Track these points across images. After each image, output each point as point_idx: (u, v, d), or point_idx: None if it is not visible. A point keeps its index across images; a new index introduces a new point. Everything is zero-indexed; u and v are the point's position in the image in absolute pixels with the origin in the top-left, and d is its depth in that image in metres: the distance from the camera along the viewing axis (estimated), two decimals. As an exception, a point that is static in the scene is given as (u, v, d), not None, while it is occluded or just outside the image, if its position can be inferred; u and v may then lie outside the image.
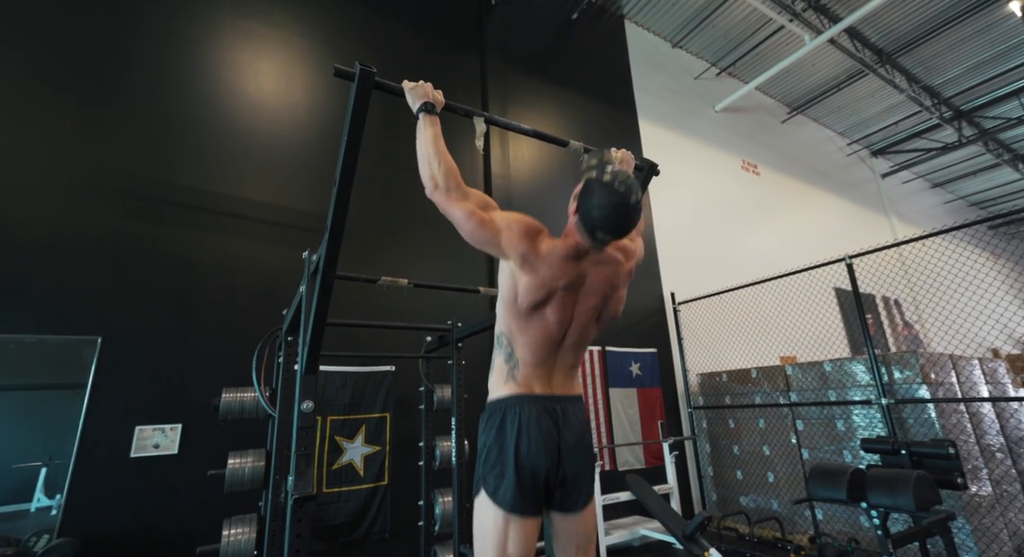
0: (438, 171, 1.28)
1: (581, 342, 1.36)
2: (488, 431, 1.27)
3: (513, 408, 1.25)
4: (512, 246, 1.26)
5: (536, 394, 1.28)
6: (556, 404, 1.29)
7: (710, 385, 5.24)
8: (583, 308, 1.33)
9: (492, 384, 1.34)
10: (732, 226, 6.96)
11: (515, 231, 1.27)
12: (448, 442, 3.16)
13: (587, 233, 1.26)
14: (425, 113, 1.33)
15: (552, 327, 1.29)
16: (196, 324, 3.30)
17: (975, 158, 10.87)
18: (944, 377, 3.76)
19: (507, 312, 1.31)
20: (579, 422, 1.32)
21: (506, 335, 1.32)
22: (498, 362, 1.34)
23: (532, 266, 1.26)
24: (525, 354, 1.29)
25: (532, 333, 1.29)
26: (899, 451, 2.91)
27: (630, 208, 1.21)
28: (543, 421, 1.24)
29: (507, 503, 1.18)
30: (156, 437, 3.04)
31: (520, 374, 1.29)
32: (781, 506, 4.32)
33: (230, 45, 3.96)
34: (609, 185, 1.21)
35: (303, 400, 1.50)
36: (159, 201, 3.38)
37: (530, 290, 1.26)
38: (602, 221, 1.21)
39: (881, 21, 7.17)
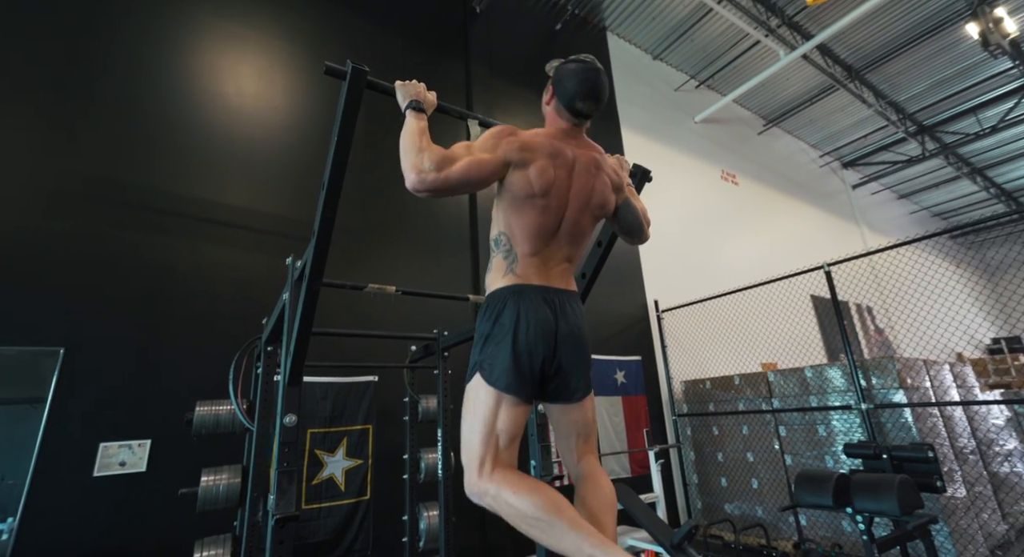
0: (419, 158, 1.22)
1: (576, 233, 1.36)
2: (487, 320, 1.26)
3: (512, 296, 1.25)
4: (511, 148, 1.28)
5: (534, 284, 1.28)
6: (554, 296, 1.29)
7: (694, 392, 5.28)
8: (576, 189, 1.34)
9: (490, 280, 1.34)
10: (713, 235, 7.08)
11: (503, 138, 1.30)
12: (433, 454, 3.08)
13: (567, 109, 1.34)
14: (412, 111, 1.31)
15: (550, 211, 1.30)
16: (168, 334, 3.15)
17: (937, 171, 11.36)
18: (919, 381, 3.86)
19: (513, 209, 1.31)
20: (576, 316, 1.32)
21: (504, 233, 1.32)
22: (496, 260, 1.34)
23: (532, 152, 1.29)
24: (523, 245, 1.30)
25: (529, 221, 1.29)
26: (880, 455, 2.95)
27: (599, 71, 1.33)
28: (541, 309, 1.24)
29: (502, 383, 1.18)
30: (122, 454, 2.88)
31: (519, 267, 1.29)
32: (765, 513, 4.35)
33: (209, 47, 3.85)
34: (575, 59, 1.35)
35: (286, 413, 1.42)
36: (130, 206, 3.24)
37: (540, 173, 1.27)
38: (577, 88, 1.31)
39: (850, 39, 7.46)
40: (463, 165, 1.23)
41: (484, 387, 1.20)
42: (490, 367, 1.20)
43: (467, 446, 1.19)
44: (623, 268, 5.67)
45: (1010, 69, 8.22)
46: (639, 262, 5.86)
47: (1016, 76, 8.40)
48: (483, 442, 1.16)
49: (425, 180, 1.19)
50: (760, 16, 6.64)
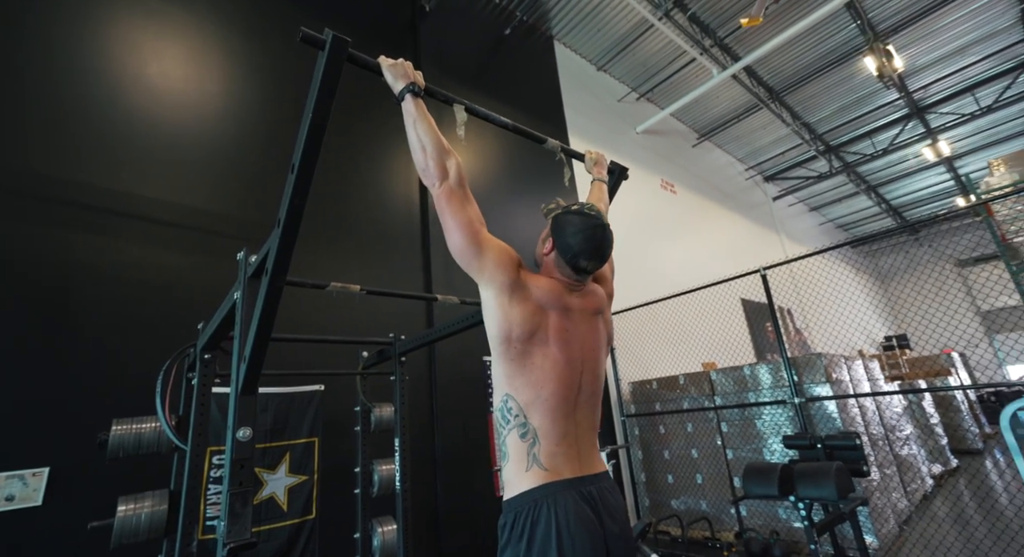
0: (450, 163, 1.18)
1: (597, 389, 1.21)
2: (516, 542, 1.00)
3: (545, 503, 1.01)
4: (501, 269, 1.15)
5: (568, 479, 1.05)
6: (591, 486, 1.07)
7: (641, 393, 5.44)
8: (589, 342, 1.21)
9: (509, 476, 1.08)
10: (655, 241, 7.40)
11: (505, 254, 1.18)
12: (388, 465, 2.91)
13: (569, 266, 1.22)
14: (412, 95, 1.20)
15: (564, 369, 1.12)
16: (71, 345, 2.72)
17: (841, 187, 12.71)
18: (840, 375, 4.23)
19: (507, 363, 1.12)
20: (618, 506, 1.12)
21: (513, 399, 1.10)
22: (511, 444, 1.08)
23: (521, 293, 1.14)
24: (543, 420, 1.07)
25: (545, 386, 1.09)
26: (815, 445, 3.18)
27: (606, 228, 1.23)
28: (583, 513, 1.01)
29: None
30: (11, 486, 2.44)
31: (543, 452, 1.05)
32: (709, 506, 4.55)
33: (126, 20, 3.44)
34: (579, 212, 1.24)
35: (239, 426, 1.25)
36: (24, 195, 2.79)
37: (525, 317, 1.12)
38: (582, 246, 1.19)
39: (772, 62, 8.16)
40: (468, 221, 1.16)
41: None
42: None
43: None
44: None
45: (896, 100, 9.39)
46: (587, 266, 5.97)
47: (901, 106, 9.60)
48: None
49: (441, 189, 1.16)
50: (695, 35, 7.07)
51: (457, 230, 1.15)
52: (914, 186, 13.10)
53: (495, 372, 1.15)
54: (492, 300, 1.14)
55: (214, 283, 3.15)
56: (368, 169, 4.36)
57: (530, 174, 5.67)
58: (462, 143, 1.10)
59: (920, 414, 6.15)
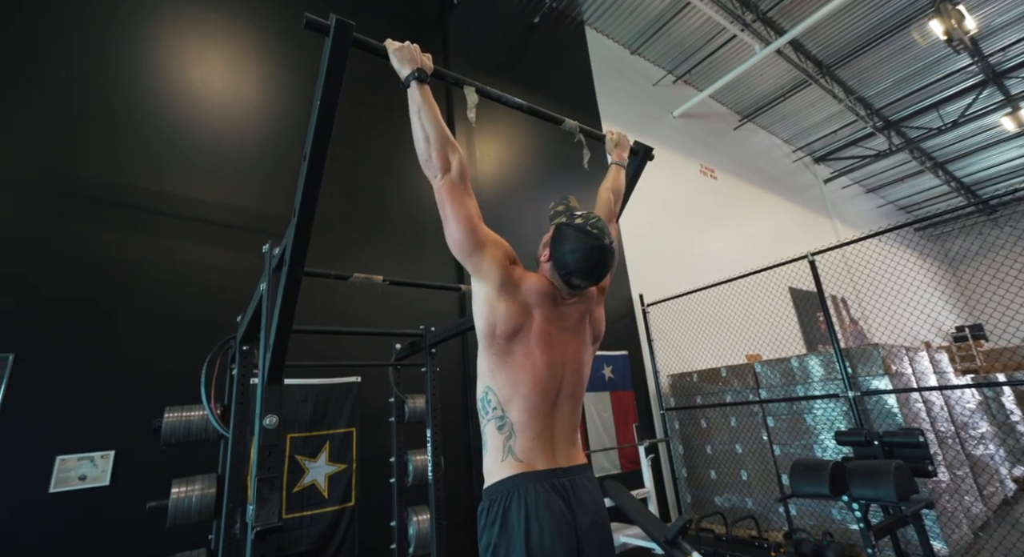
0: (452, 156, 1.16)
1: (578, 390, 1.23)
2: (490, 527, 1.07)
3: (517, 492, 1.07)
4: (496, 266, 1.17)
5: (539, 470, 1.10)
6: (564, 478, 1.11)
7: (681, 386, 5.27)
8: (573, 347, 1.23)
9: (488, 466, 1.15)
10: (695, 228, 7.12)
11: (501, 251, 1.20)
12: (422, 456, 2.95)
13: (562, 280, 1.20)
14: (417, 82, 1.18)
15: (542, 369, 1.15)
16: (133, 336, 2.93)
17: (902, 165, 11.77)
18: (901, 368, 3.92)
19: (490, 357, 1.15)
20: (593, 499, 1.14)
21: (493, 391, 1.14)
22: (490, 434, 1.15)
23: (511, 292, 1.17)
24: (520, 416, 1.12)
25: (523, 384, 1.13)
26: (872, 442, 2.96)
27: (605, 250, 1.17)
28: (553, 503, 1.06)
29: None
30: (82, 467, 2.65)
31: (518, 445, 1.11)
32: (755, 504, 4.35)
33: (171, 31, 3.62)
34: (581, 228, 1.18)
35: (266, 414, 1.28)
36: (86, 201, 3.00)
37: (510, 316, 1.14)
38: (577, 266, 1.16)
39: (820, 34, 7.62)
40: (468, 215, 1.15)
41: None
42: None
43: None
44: (608, 262, 5.62)
45: (969, 66, 8.54)
46: (623, 256, 5.83)
47: (975, 72, 8.73)
48: None
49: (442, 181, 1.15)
50: (735, 11, 6.70)
51: (457, 224, 1.15)
52: (990, 161, 11.95)
53: (479, 362, 1.19)
54: (482, 295, 1.17)
55: (256, 277, 3.28)
56: (402, 163, 4.41)
57: (556, 159, 5.57)
58: (472, 126, 1.06)
59: (998, 411, 5.63)
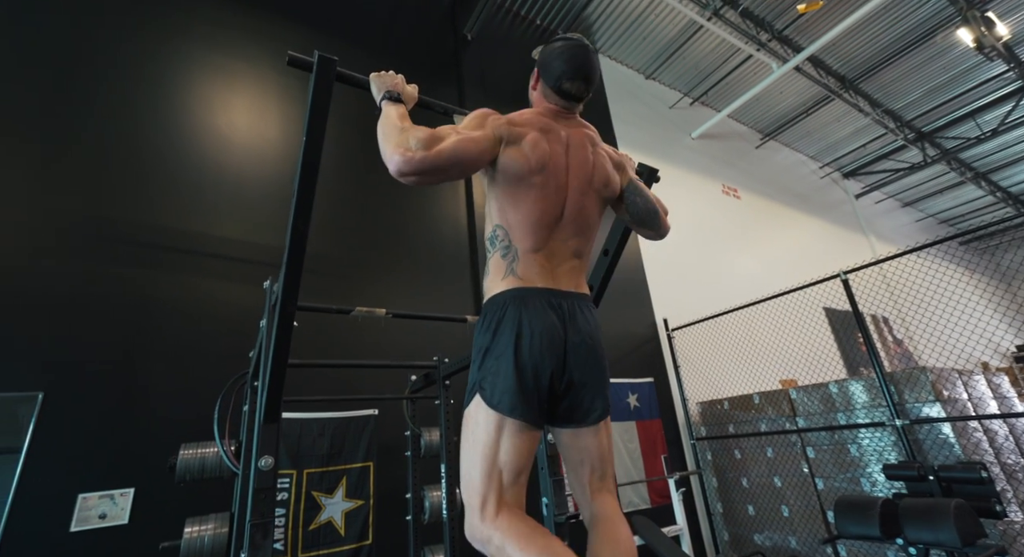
0: (403, 138, 1.06)
1: (582, 218, 1.22)
2: (485, 332, 1.11)
3: (513, 302, 1.10)
4: (500, 124, 1.20)
5: (539, 287, 1.13)
6: (562, 299, 1.14)
7: (711, 414, 5.01)
8: (575, 167, 1.22)
9: (488, 284, 1.18)
10: (719, 250, 6.93)
11: (489, 116, 1.23)
12: (438, 492, 2.85)
13: (554, 90, 1.25)
14: (388, 101, 1.18)
15: (549, 194, 1.17)
16: (154, 373, 2.98)
17: (940, 177, 11.27)
18: (955, 393, 3.61)
19: (501, 195, 1.18)
20: (588, 323, 1.16)
21: (500, 226, 1.18)
22: (493, 260, 1.18)
23: (522, 127, 1.20)
24: (523, 238, 1.15)
25: (527, 207, 1.15)
26: (926, 477, 2.70)
27: (586, 48, 1.24)
28: (546, 316, 1.09)
29: (505, 405, 1.02)
30: (103, 506, 2.66)
31: (520, 266, 1.14)
32: (800, 543, 4.02)
33: (200, 79, 3.83)
34: (561, 38, 1.26)
35: (261, 455, 1.25)
36: (113, 241, 3.13)
37: (533, 145, 1.17)
38: (564, 67, 1.21)
39: (841, 49, 7.50)
40: (453, 142, 1.09)
41: (484, 411, 1.04)
42: (491, 386, 1.04)
43: (467, 482, 1.03)
44: (629, 286, 5.50)
45: (1005, 72, 8.22)
46: (645, 280, 5.70)
47: (1012, 79, 8.38)
48: (485, 477, 1.00)
49: (412, 159, 1.03)
50: (750, 31, 6.69)
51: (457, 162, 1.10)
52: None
53: (488, 207, 1.22)
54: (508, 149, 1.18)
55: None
56: (418, 197, 4.48)
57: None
58: None
59: (1071, 438, 5.10)
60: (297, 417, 3.26)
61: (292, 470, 3.14)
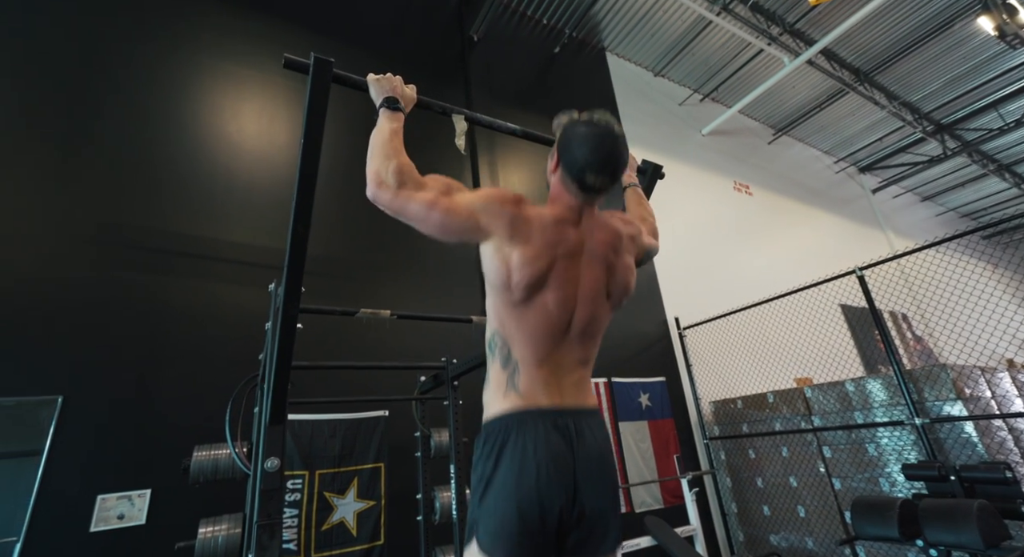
0: (384, 166, 1.07)
1: (591, 329, 1.13)
2: (485, 460, 1.01)
3: (516, 427, 1.00)
4: (496, 216, 1.07)
5: (543, 407, 1.03)
6: (568, 419, 1.04)
7: (725, 413, 4.94)
8: (588, 280, 1.12)
9: (488, 399, 1.09)
10: (731, 247, 6.84)
11: (494, 201, 1.09)
12: (448, 493, 2.85)
13: (575, 182, 1.10)
14: (387, 109, 1.15)
15: (554, 309, 1.06)
16: (170, 376, 3.04)
17: (962, 170, 10.98)
18: (978, 391, 3.51)
19: (499, 301, 1.08)
20: (598, 443, 1.06)
21: (500, 333, 1.08)
22: (494, 371, 1.09)
23: (523, 233, 1.07)
24: (525, 351, 1.05)
25: (531, 321, 1.06)
26: (948, 477, 2.63)
27: (616, 138, 1.09)
28: (552, 441, 0.99)
29: (506, 554, 0.93)
30: (121, 507, 2.72)
31: (522, 381, 1.04)
32: (817, 544, 3.94)
33: (210, 87, 3.90)
34: (587, 122, 1.10)
35: (267, 457, 1.26)
36: (128, 248, 3.19)
37: (526, 262, 1.05)
38: (588, 158, 1.06)
39: (855, 41, 7.35)
40: (425, 201, 1.04)
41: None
42: (492, 528, 0.95)
43: None
44: (639, 285, 5.38)
45: (1028, 61, 7.98)
46: (656, 278, 5.64)
47: (1036, 67, 8.14)
48: None
49: (379, 196, 1.05)
50: (760, 25, 6.60)
51: (425, 215, 1.06)
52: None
53: (488, 305, 1.12)
54: (491, 247, 1.08)
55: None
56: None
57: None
58: (463, 155, 1.03)
59: (1101, 437, 4.93)
60: (308, 418, 3.29)
61: (304, 471, 3.17)
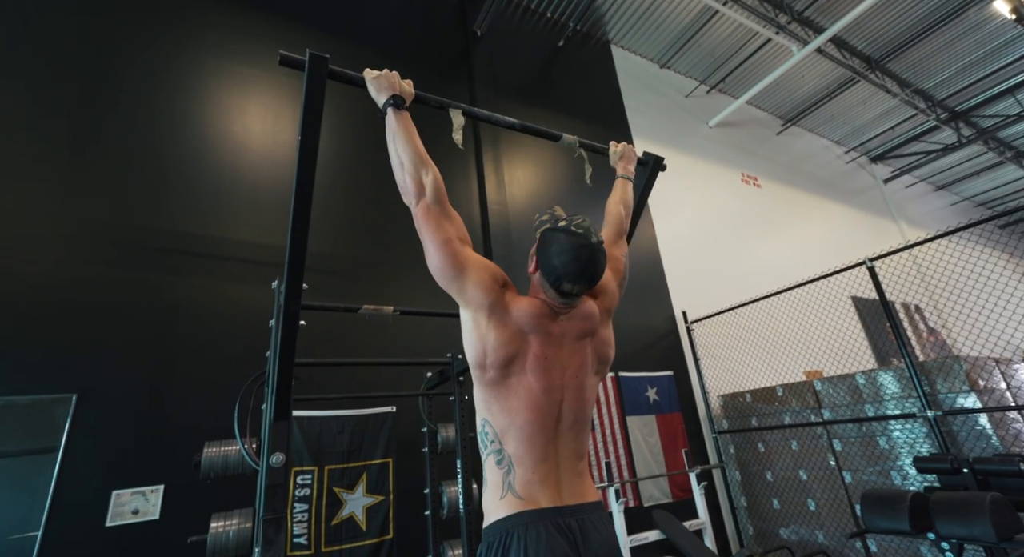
0: (426, 179, 1.12)
1: (582, 416, 1.12)
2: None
3: (517, 533, 0.98)
4: (481, 289, 1.09)
5: (544, 508, 1.01)
6: (571, 519, 1.02)
7: (733, 406, 4.91)
8: (573, 369, 1.12)
9: (487, 504, 1.07)
10: (739, 240, 6.77)
11: (487, 273, 1.12)
12: (455, 487, 2.87)
13: (553, 288, 1.10)
14: (393, 108, 1.16)
15: (540, 397, 1.06)
16: (181, 374, 3.09)
17: (977, 158, 10.75)
18: (992, 383, 3.45)
19: (483, 388, 1.08)
20: (604, 542, 1.04)
21: (490, 424, 1.07)
22: (489, 470, 1.07)
23: (500, 317, 1.08)
24: (518, 447, 1.03)
25: (519, 411, 1.05)
26: (960, 469, 2.59)
27: (594, 248, 1.08)
28: (557, 547, 0.96)
29: None
30: (135, 502, 2.77)
31: (518, 481, 1.02)
32: (827, 538, 3.91)
33: (215, 87, 3.93)
34: (566, 229, 1.10)
35: (272, 452, 1.27)
36: (139, 247, 3.24)
37: (501, 343, 1.06)
38: (565, 268, 1.06)
39: (866, 28, 7.21)
40: (446, 238, 1.10)
41: None
42: None
43: None
44: (646, 279, 5.43)
45: (1046, 45, 7.77)
46: (663, 272, 5.61)
47: (1053, 51, 7.93)
48: None
49: (416, 208, 1.12)
50: (768, 14, 6.49)
51: (435, 250, 1.11)
52: (1081, 146, 10.71)
53: (475, 394, 1.11)
54: (470, 321, 1.10)
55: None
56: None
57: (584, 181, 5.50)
58: (461, 149, 1.03)
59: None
60: (317, 415, 3.32)
61: (314, 467, 3.21)
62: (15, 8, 3.37)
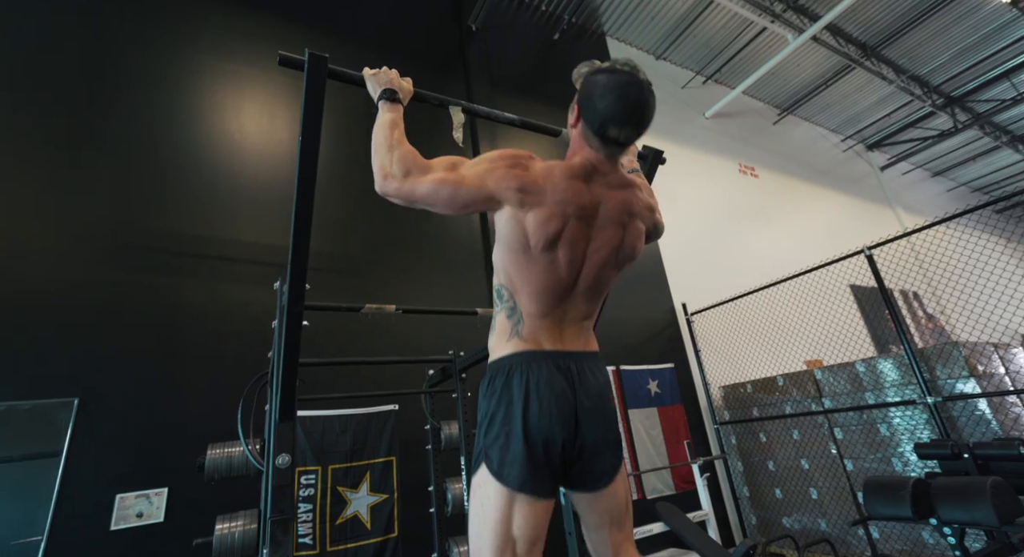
0: (387, 157, 1.07)
1: (596, 288, 1.13)
2: (490, 396, 1.06)
3: (519, 367, 1.04)
4: (505, 182, 1.04)
5: (546, 349, 1.06)
6: (570, 361, 1.07)
7: (734, 397, 4.93)
8: (599, 243, 1.10)
9: (493, 344, 1.12)
10: (737, 230, 6.78)
11: (500, 165, 1.06)
12: (459, 484, 2.88)
13: (596, 135, 1.05)
14: (385, 101, 1.15)
15: (562, 269, 1.07)
16: (183, 376, 3.08)
17: (973, 143, 10.75)
18: (991, 368, 3.47)
19: (510, 259, 1.08)
20: (598, 383, 1.10)
21: (507, 287, 1.09)
22: (499, 319, 1.11)
23: (535, 195, 1.04)
24: (530, 304, 1.07)
25: (538, 278, 1.06)
26: (961, 455, 2.61)
27: (641, 86, 1.01)
28: (555, 381, 1.03)
29: (514, 480, 0.97)
30: (139, 505, 2.77)
31: (525, 329, 1.07)
32: (830, 526, 3.95)
33: (210, 87, 3.89)
34: (611, 69, 1.03)
35: (278, 453, 1.27)
36: (139, 249, 3.22)
37: (542, 223, 1.03)
38: (610, 110, 1.00)
39: (861, 15, 7.18)
40: (433, 181, 1.03)
41: (492, 484, 0.98)
42: (498, 458, 0.99)
43: (477, 553, 0.98)
44: (645, 272, 5.43)
45: (1042, 28, 7.75)
46: (662, 265, 5.61)
47: (1049, 34, 7.91)
48: (498, 552, 0.95)
49: (387, 187, 1.05)
50: (763, 3, 6.45)
51: (435, 194, 1.04)
52: (1077, 130, 10.71)
53: (497, 259, 1.11)
54: (505, 216, 1.06)
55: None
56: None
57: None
58: (461, 147, 1.02)
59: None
60: (320, 414, 3.32)
61: (317, 466, 3.21)
62: (15, 8, 3.33)
